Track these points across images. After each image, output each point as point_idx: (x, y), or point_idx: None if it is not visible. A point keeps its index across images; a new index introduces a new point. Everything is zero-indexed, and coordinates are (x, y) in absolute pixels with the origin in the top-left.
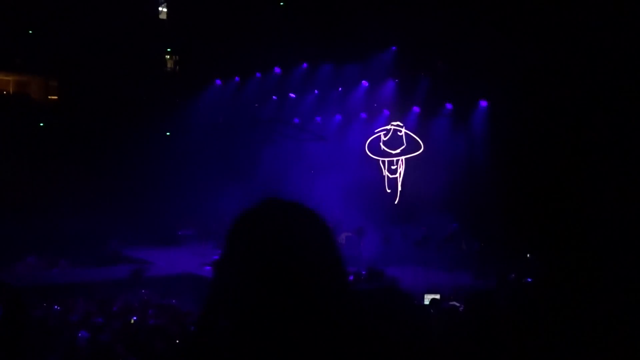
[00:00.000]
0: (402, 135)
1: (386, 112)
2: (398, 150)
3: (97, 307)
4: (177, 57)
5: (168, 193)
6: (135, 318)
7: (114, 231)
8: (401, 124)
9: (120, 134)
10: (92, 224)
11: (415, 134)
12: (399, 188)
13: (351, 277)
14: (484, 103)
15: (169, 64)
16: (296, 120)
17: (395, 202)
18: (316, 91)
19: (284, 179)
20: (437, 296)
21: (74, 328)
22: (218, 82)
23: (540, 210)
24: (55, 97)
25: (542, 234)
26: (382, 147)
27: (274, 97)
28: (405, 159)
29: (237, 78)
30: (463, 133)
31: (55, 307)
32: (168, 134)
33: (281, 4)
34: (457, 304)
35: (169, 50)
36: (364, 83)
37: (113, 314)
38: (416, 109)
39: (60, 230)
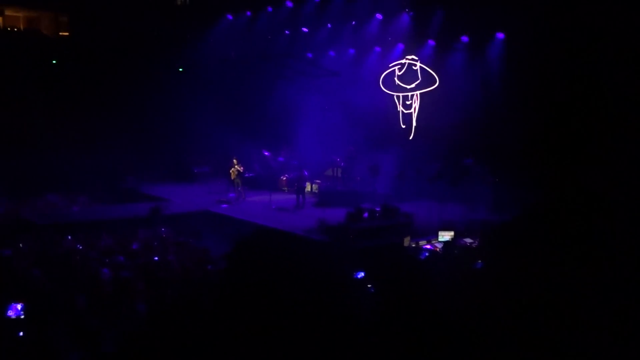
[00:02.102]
0: (416, 70)
1: (400, 45)
2: (413, 85)
3: (118, 245)
4: None
5: (181, 129)
6: (156, 258)
7: (130, 168)
8: (416, 58)
9: (133, 70)
10: (107, 161)
11: (430, 68)
12: (414, 124)
13: (366, 214)
14: (500, 35)
15: None
16: (309, 55)
17: (410, 138)
18: (329, 25)
19: (296, 115)
20: (452, 233)
21: (96, 265)
22: (229, 16)
23: (555, 146)
24: (66, 33)
25: (555, 168)
26: (397, 81)
27: (286, 31)
28: (420, 93)
29: (248, 12)
30: (479, 67)
31: (78, 245)
32: (181, 69)
33: None
34: (471, 240)
35: None
36: (378, 16)
37: (133, 252)
38: (431, 42)
39: (76, 168)
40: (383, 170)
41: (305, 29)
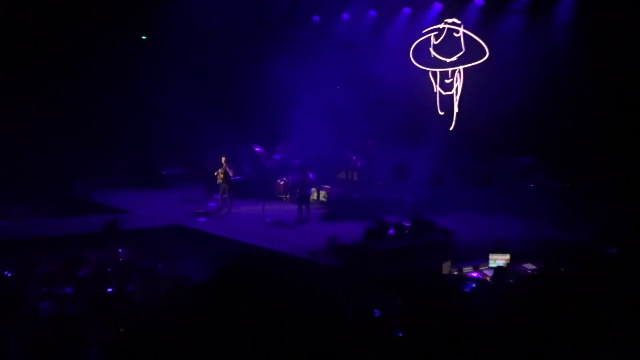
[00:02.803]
0: (459, 38)
1: (437, 5)
2: (454, 58)
3: (62, 271)
4: None
5: (146, 120)
6: (110, 290)
7: (78, 170)
8: (458, 22)
9: (78, 40)
10: (48, 162)
11: (477, 36)
12: (456, 109)
13: (391, 231)
14: None
15: None
16: (315, 19)
17: (450, 129)
18: None
19: (299, 100)
20: (507, 257)
21: (33, 297)
22: None
23: None
24: None
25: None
26: (433, 53)
27: None
28: (464, 69)
29: None
30: (542, 34)
31: (7, 273)
32: (144, 37)
33: None
34: (533, 266)
35: None
36: None
37: (81, 280)
38: (478, 1)
39: (11, 170)
40: (413, 172)
41: None
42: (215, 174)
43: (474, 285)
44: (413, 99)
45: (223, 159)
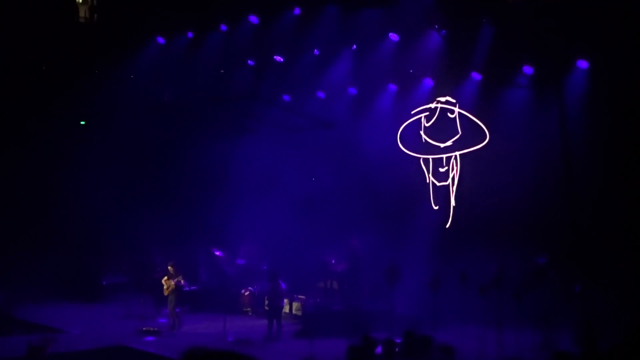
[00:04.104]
0: (454, 118)
1: (428, 82)
2: (449, 143)
3: None
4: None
5: (82, 216)
6: None
7: (0, 279)
8: (453, 101)
9: (8, 122)
10: None
11: (475, 116)
12: (452, 202)
13: (378, 349)
14: (583, 64)
15: (82, 12)
16: (286, 98)
17: (447, 226)
18: (316, 51)
19: (266, 190)
20: None
21: None
22: (160, 39)
23: None
24: None
25: None
26: (424, 137)
27: (249, 61)
28: (461, 155)
29: (190, 33)
30: (552, 112)
31: None
32: (83, 123)
33: None
34: None
35: None
36: (393, 36)
37: None
38: (476, 75)
39: None
40: (406, 276)
41: (279, 58)
42: (163, 282)
43: None
44: (403, 191)
45: (170, 266)
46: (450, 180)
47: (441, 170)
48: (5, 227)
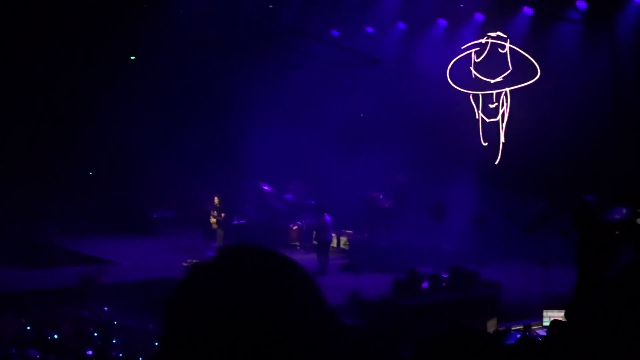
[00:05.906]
0: (505, 54)
1: (479, 16)
2: (499, 79)
3: (31, 331)
4: None
5: (131, 152)
6: (90, 353)
7: (50, 213)
8: (503, 36)
9: (52, 60)
10: (13, 203)
11: (526, 51)
12: (502, 139)
13: (425, 284)
14: None
15: None
16: (334, 33)
17: (496, 162)
18: None
19: (312, 126)
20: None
21: None
22: None
23: None
24: None
25: None
26: (474, 72)
27: None
28: (511, 91)
29: None
30: (605, 47)
31: None
32: (133, 58)
33: None
34: None
35: None
36: None
37: (55, 343)
38: (527, 10)
39: None
40: (452, 214)
41: None
42: (210, 215)
43: (518, 336)
44: (451, 127)
45: (216, 198)
46: (500, 116)
47: (491, 106)
48: (57, 162)
